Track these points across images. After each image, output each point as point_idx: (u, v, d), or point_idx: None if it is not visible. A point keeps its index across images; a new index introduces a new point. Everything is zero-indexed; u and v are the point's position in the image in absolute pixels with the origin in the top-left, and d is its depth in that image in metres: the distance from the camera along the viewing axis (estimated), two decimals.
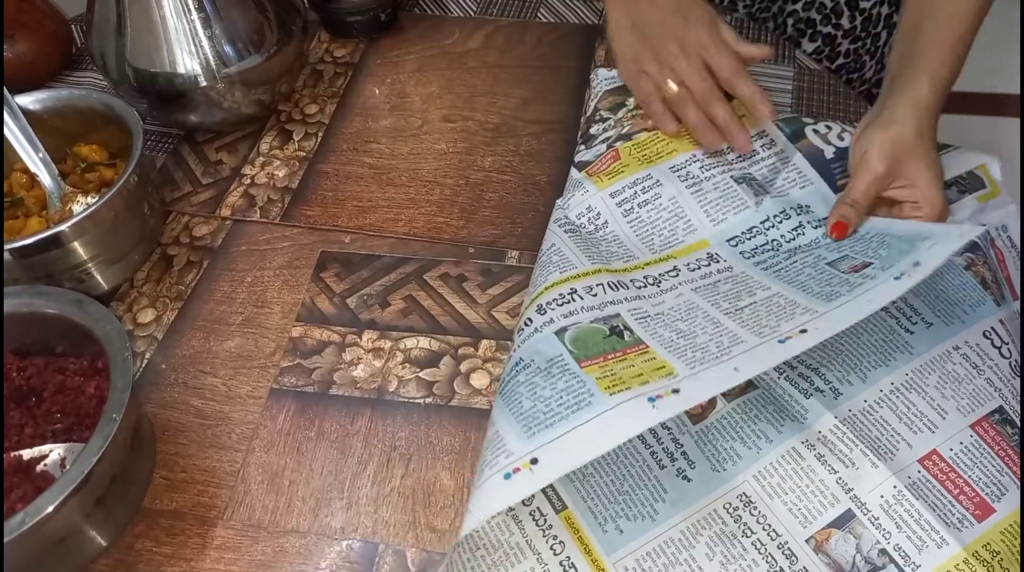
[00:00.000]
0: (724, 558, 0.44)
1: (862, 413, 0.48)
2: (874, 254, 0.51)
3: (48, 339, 0.51)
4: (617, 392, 0.43)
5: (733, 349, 0.45)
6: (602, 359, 0.46)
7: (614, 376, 0.44)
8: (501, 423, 0.44)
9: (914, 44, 0.57)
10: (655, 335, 0.48)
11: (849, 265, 0.51)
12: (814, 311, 0.47)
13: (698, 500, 0.46)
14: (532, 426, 0.43)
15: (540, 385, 0.45)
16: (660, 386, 0.43)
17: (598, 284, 0.51)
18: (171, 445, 0.52)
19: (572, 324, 0.48)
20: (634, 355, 0.47)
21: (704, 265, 0.54)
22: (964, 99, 1.87)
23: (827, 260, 0.53)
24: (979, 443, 0.47)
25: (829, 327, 0.44)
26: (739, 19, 0.81)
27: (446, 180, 0.68)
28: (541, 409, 0.43)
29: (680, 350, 0.46)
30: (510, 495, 0.40)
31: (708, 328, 0.48)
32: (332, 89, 0.77)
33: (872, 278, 0.48)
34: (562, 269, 0.53)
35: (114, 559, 0.48)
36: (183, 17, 0.64)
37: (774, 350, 0.44)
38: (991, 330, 0.52)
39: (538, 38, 0.81)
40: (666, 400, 0.41)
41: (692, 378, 0.43)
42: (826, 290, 0.49)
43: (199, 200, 0.67)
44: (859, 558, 0.44)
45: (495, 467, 0.41)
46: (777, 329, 0.46)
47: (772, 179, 0.59)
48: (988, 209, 0.58)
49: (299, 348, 0.57)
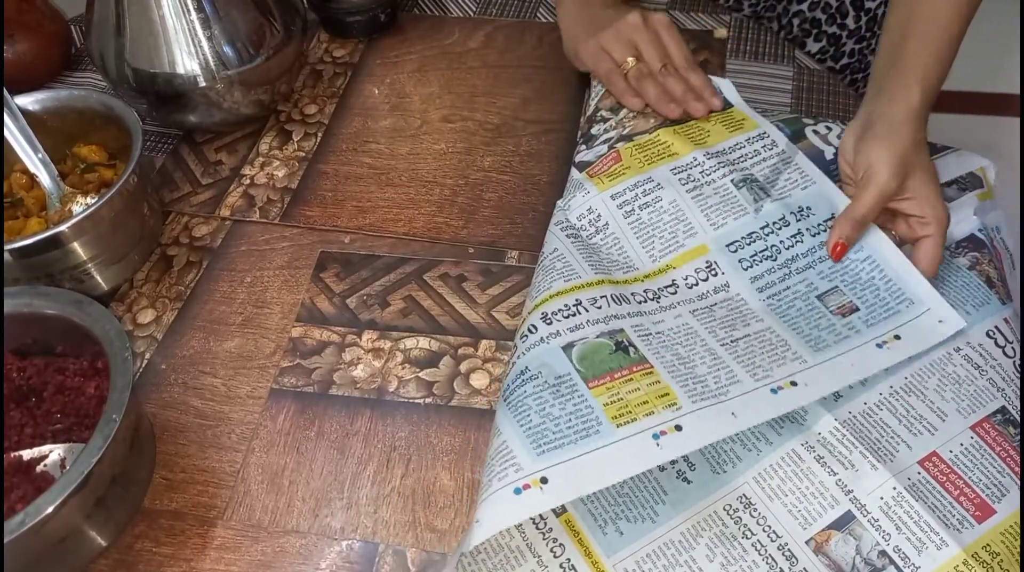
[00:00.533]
0: (724, 559, 0.44)
1: (862, 415, 0.48)
2: (861, 295, 0.53)
3: (48, 339, 0.51)
4: (624, 424, 0.44)
5: (730, 389, 0.47)
6: (609, 379, 0.47)
7: (621, 403, 0.46)
8: (508, 433, 0.45)
9: (903, 50, 0.56)
10: (658, 355, 0.49)
11: (837, 304, 0.53)
12: (803, 360, 0.49)
13: (698, 502, 0.46)
14: (542, 444, 0.44)
15: (549, 402, 0.46)
16: (664, 419, 0.45)
17: (601, 296, 0.52)
18: (171, 445, 0.52)
19: (579, 339, 0.49)
20: (640, 375, 0.47)
21: (702, 280, 0.55)
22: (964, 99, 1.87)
23: (818, 292, 0.54)
24: (980, 444, 0.47)
25: (817, 389, 0.47)
26: (744, 18, 0.81)
27: (446, 180, 0.68)
28: (550, 428, 0.44)
29: (682, 378, 0.48)
30: (520, 511, 0.41)
31: (707, 359, 0.49)
32: (332, 89, 0.77)
33: (857, 332, 0.51)
34: (566, 277, 0.53)
35: (114, 559, 0.48)
36: (182, 17, 0.64)
37: (768, 401, 0.47)
38: (995, 329, 0.52)
39: (538, 38, 0.81)
40: (670, 437, 0.44)
41: (694, 416, 0.45)
42: (814, 334, 0.51)
43: (199, 200, 0.67)
44: (859, 559, 0.44)
45: (504, 479, 0.42)
46: (770, 373, 0.48)
47: (774, 180, 0.59)
48: (985, 210, 0.58)
49: (299, 348, 0.57)
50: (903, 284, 0.53)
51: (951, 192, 0.59)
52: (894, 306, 0.52)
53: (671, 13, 0.81)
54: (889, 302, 0.52)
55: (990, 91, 1.87)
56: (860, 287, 0.53)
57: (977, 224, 0.57)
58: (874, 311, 0.52)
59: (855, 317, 0.52)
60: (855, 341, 0.50)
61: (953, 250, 0.56)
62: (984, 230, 0.57)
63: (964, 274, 0.54)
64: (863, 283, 0.53)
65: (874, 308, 0.52)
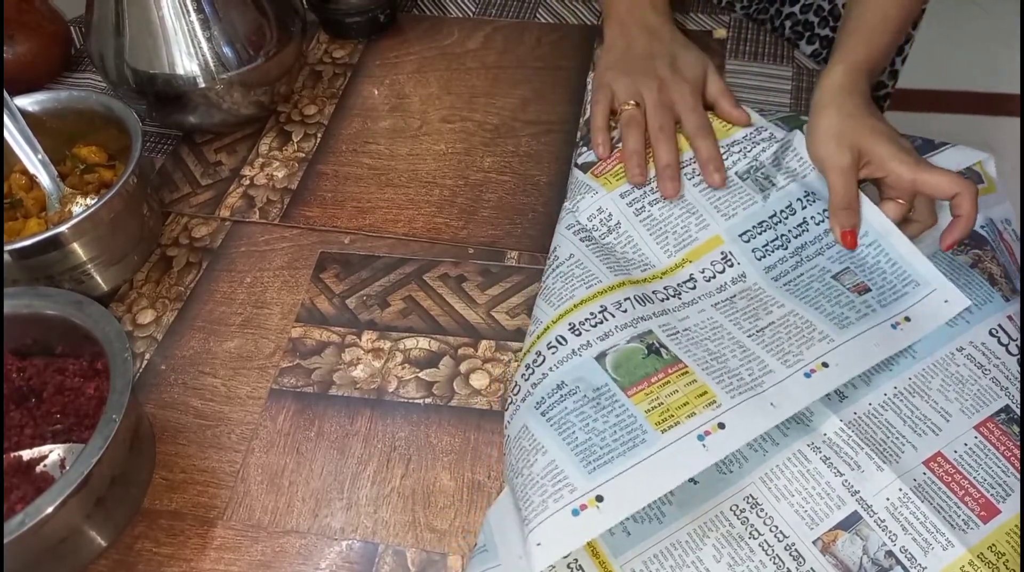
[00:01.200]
0: (732, 560, 0.44)
1: (866, 416, 0.48)
2: (870, 277, 0.53)
3: (48, 340, 0.51)
4: (668, 428, 0.45)
5: (764, 380, 0.47)
6: (646, 384, 0.47)
7: (663, 408, 0.46)
8: (556, 452, 0.45)
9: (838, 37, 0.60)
10: (690, 353, 0.49)
11: (852, 283, 0.53)
12: (831, 339, 0.49)
13: (705, 502, 0.46)
14: (591, 461, 0.44)
15: (592, 416, 0.46)
16: (706, 419, 0.45)
17: (626, 298, 0.52)
18: (171, 445, 0.52)
19: (610, 347, 0.49)
20: (676, 376, 0.47)
21: (719, 271, 0.55)
22: (964, 99, 1.87)
23: (831, 273, 0.54)
24: (984, 444, 0.47)
25: (847, 369, 0.47)
26: (743, 19, 0.81)
27: (445, 181, 0.68)
28: (597, 443, 0.44)
29: (717, 374, 0.48)
30: (581, 533, 0.41)
31: (737, 352, 0.49)
32: (331, 90, 0.77)
33: (873, 311, 0.51)
34: (587, 284, 0.53)
35: (114, 559, 0.47)
36: (182, 18, 0.64)
37: (803, 385, 0.47)
38: (998, 328, 0.52)
39: (537, 39, 0.81)
40: (714, 436, 0.44)
41: (734, 412, 0.45)
42: (837, 311, 0.51)
43: (198, 201, 0.67)
44: (866, 559, 0.44)
45: (560, 501, 0.42)
46: (800, 357, 0.48)
47: (776, 167, 0.59)
48: (989, 204, 0.58)
49: (299, 349, 0.57)
50: (907, 266, 0.53)
51: None
52: (901, 288, 0.52)
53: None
54: (896, 285, 0.52)
55: (990, 91, 1.87)
56: (868, 270, 0.53)
57: (980, 220, 0.57)
58: (884, 293, 0.52)
59: (869, 296, 0.52)
60: (874, 319, 0.50)
61: (955, 248, 0.56)
62: (988, 225, 0.57)
63: (966, 272, 0.54)
64: (870, 267, 0.54)
65: (883, 290, 0.52)
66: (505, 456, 0.48)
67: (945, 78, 1.89)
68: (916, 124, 1.58)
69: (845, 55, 0.58)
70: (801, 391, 0.47)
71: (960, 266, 0.55)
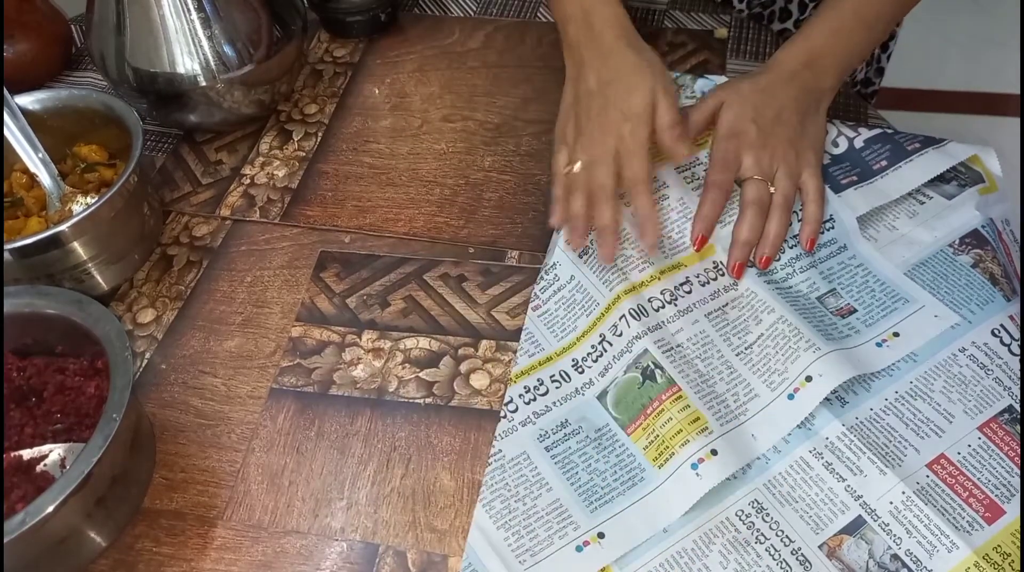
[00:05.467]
0: (738, 566, 0.44)
1: (868, 421, 0.49)
2: (858, 297, 0.54)
3: (48, 339, 0.51)
4: (664, 463, 0.47)
5: (749, 406, 0.50)
6: (643, 418, 0.49)
7: (659, 441, 0.48)
8: (561, 492, 0.48)
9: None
10: (683, 373, 0.50)
11: (835, 306, 0.54)
12: (817, 348, 0.50)
13: (710, 509, 0.46)
14: (593, 500, 0.47)
15: (594, 457, 0.49)
16: (699, 445, 0.47)
17: (620, 317, 0.53)
18: (171, 445, 0.52)
19: (610, 382, 0.51)
20: (670, 402, 0.49)
21: (712, 279, 0.55)
22: (964, 99, 1.87)
23: (819, 293, 0.55)
24: (988, 445, 0.47)
25: (832, 379, 0.48)
26: (743, 19, 0.81)
27: (446, 180, 0.68)
28: (599, 483, 0.48)
29: (707, 399, 0.49)
30: (585, 568, 0.45)
31: (724, 374, 0.51)
32: (332, 89, 0.77)
33: (857, 332, 0.52)
34: (588, 311, 0.55)
35: (114, 559, 0.47)
36: (183, 17, 0.64)
37: (786, 411, 0.49)
38: (1000, 328, 0.52)
39: (538, 38, 0.81)
40: (708, 464, 0.46)
41: (724, 439, 0.47)
42: (822, 327, 0.52)
43: (199, 200, 0.67)
44: (872, 563, 0.44)
45: (565, 537, 0.46)
46: (785, 375, 0.49)
47: None
48: (990, 203, 0.58)
49: (299, 348, 0.57)
50: (895, 286, 0.54)
51: (951, 189, 0.59)
52: (890, 304, 0.53)
53: (671, 13, 0.81)
54: (885, 301, 0.53)
55: (990, 91, 1.87)
56: (856, 289, 0.55)
57: (980, 220, 0.57)
58: (871, 311, 0.53)
59: (854, 318, 0.53)
60: (857, 340, 0.51)
61: (957, 248, 0.56)
62: (989, 225, 0.57)
63: (967, 272, 0.54)
64: (859, 286, 0.55)
65: (871, 309, 0.53)
66: (496, 470, 0.49)
67: (945, 78, 1.89)
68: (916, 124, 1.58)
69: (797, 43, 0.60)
70: (783, 419, 0.48)
71: (961, 266, 0.54)
